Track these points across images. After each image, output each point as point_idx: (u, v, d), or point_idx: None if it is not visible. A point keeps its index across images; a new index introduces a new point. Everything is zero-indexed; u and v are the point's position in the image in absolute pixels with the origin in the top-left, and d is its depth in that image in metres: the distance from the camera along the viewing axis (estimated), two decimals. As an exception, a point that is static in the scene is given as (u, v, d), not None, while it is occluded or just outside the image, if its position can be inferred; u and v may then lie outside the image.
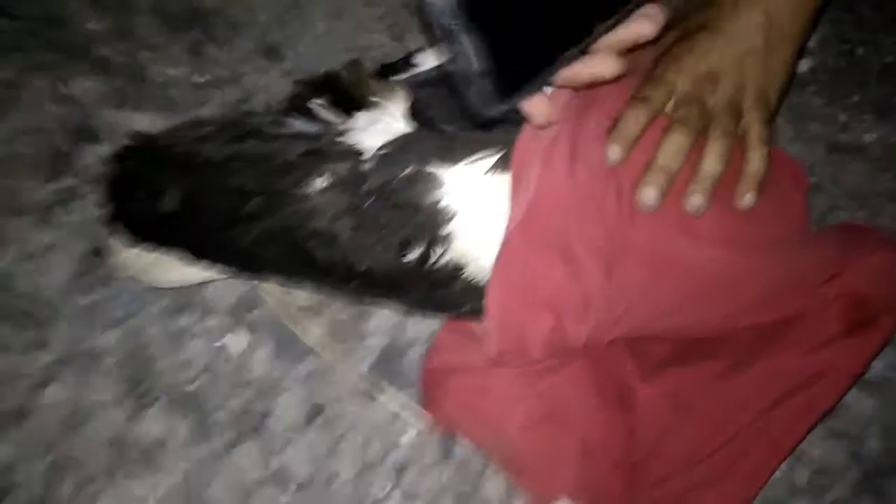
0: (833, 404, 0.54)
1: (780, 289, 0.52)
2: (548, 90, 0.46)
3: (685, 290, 0.51)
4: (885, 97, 0.84)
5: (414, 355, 0.63)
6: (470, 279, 0.51)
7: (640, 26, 0.40)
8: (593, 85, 0.42)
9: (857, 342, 0.54)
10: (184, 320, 0.64)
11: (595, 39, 0.39)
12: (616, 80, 0.42)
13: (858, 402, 0.65)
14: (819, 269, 0.53)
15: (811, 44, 0.86)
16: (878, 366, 0.65)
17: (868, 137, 0.81)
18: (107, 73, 0.77)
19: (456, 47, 0.36)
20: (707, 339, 0.56)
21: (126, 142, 0.59)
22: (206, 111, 0.75)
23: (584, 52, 0.40)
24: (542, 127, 0.44)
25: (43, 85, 0.75)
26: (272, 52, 0.80)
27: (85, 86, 0.76)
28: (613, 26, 0.39)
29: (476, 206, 0.50)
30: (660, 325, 0.53)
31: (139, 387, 0.61)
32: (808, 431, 0.54)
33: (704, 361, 0.56)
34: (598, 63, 0.41)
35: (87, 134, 0.73)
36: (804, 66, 0.85)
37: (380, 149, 0.50)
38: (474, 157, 0.49)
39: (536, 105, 0.42)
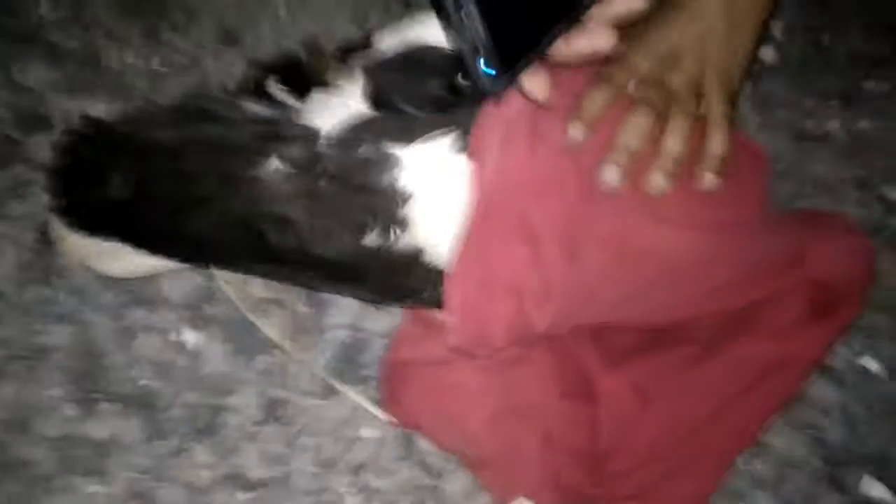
0: (795, 392, 0.54)
1: (743, 273, 0.52)
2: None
3: (649, 273, 0.50)
4: (851, 84, 0.84)
5: (375, 349, 0.62)
6: (429, 264, 0.50)
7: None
8: (590, 60, 0.42)
9: (820, 328, 0.54)
10: (135, 314, 0.61)
11: (587, 9, 0.40)
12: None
13: (820, 391, 0.64)
14: (782, 254, 0.53)
15: (776, 32, 0.86)
16: (840, 352, 0.65)
17: (833, 125, 0.81)
18: (60, 60, 0.74)
19: (465, 19, 0.36)
20: (671, 327, 0.55)
21: (75, 127, 0.57)
22: (163, 97, 0.73)
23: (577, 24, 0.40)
24: (540, 104, 0.44)
25: (-9, 70, 0.72)
26: (231, 37, 0.78)
27: (37, 72, 0.73)
28: None
29: (435, 186, 0.48)
30: (624, 311, 0.52)
31: (89, 383, 0.59)
32: (771, 420, 0.54)
33: (668, 350, 0.55)
34: (594, 36, 0.41)
35: (38, 121, 0.70)
36: (770, 53, 0.85)
37: (336, 129, 0.49)
38: (431, 137, 0.48)
39: (536, 81, 0.41)
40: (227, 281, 0.61)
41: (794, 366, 0.55)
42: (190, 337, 0.61)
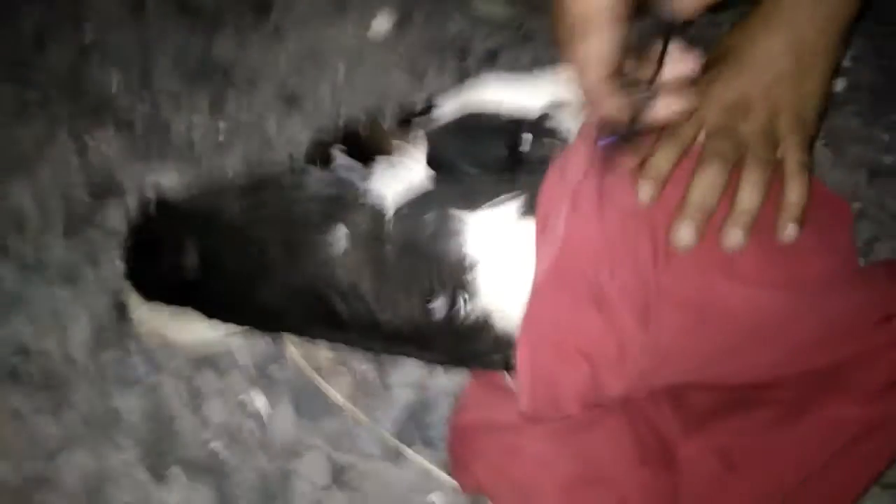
0: (891, 457, 0.50)
1: (828, 332, 0.49)
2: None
3: (728, 335, 0.48)
4: (929, 115, 0.80)
5: (442, 410, 0.61)
6: (498, 329, 0.49)
7: (682, 64, 0.44)
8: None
9: (916, 390, 0.50)
10: (204, 378, 0.62)
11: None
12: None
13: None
14: (870, 310, 0.50)
15: (846, 61, 0.83)
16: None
17: (913, 159, 0.77)
18: (130, 127, 0.77)
19: None
20: (753, 386, 0.52)
21: (147, 200, 0.59)
22: (229, 160, 0.75)
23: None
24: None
25: (67, 141, 0.76)
26: (292, 100, 0.80)
27: (109, 140, 0.76)
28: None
29: (501, 253, 0.48)
30: (703, 374, 0.50)
31: (160, 448, 0.59)
32: (867, 489, 0.50)
33: (751, 411, 0.52)
34: (671, 102, 0.44)
35: (111, 188, 0.73)
36: (839, 85, 0.82)
37: (399, 198, 0.49)
38: (497, 203, 0.47)
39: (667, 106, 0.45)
40: (293, 343, 0.62)
41: (888, 430, 0.51)
42: (258, 400, 0.62)
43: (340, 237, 0.49)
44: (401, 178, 0.50)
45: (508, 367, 0.51)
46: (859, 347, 0.51)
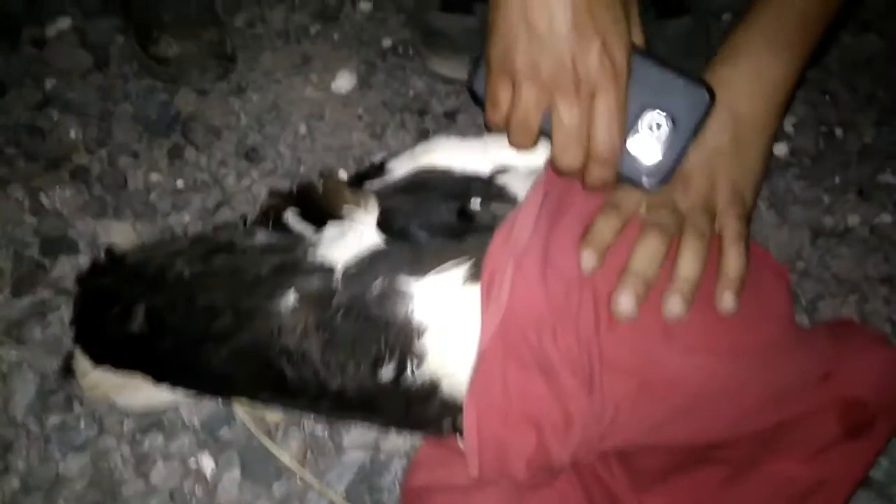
0: (838, 513, 0.51)
1: (772, 395, 0.50)
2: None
3: (672, 401, 0.48)
4: (867, 178, 0.83)
5: (394, 471, 0.60)
6: (446, 395, 0.49)
7: None
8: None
9: (857, 446, 0.51)
10: (151, 441, 0.61)
11: None
12: None
13: (863, 504, 0.61)
14: (811, 372, 0.51)
15: (788, 127, 0.87)
16: (882, 463, 0.62)
17: (853, 219, 0.80)
18: (87, 182, 0.77)
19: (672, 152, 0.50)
20: (701, 446, 0.53)
21: (97, 259, 0.58)
22: (186, 216, 0.75)
23: None
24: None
25: (20, 196, 0.75)
26: (252, 155, 0.80)
27: (65, 195, 0.76)
28: None
29: (449, 318, 0.48)
30: (650, 438, 0.50)
31: (105, 516, 0.58)
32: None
33: (701, 470, 0.53)
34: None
35: (64, 245, 0.72)
36: (783, 149, 0.85)
37: (349, 263, 0.49)
38: (444, 268, 0.48)
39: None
40: (242, 404, 0.61)
41: (833, 487, 0.52)
42: (206, 463, 0.61)
43: (290, 303, 0.49)
44: (351, 242, 0.51)
45: (457, 431, 0.51)
46: (802, 408, 0.52)
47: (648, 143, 0.49)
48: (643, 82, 0.48)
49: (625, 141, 0.49)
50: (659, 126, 0.49)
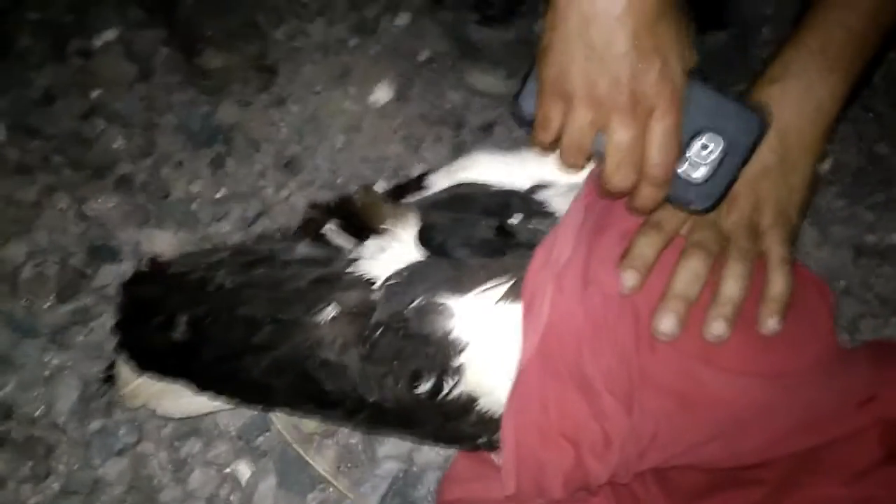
0: (879, 537, 0.50)
1: (812, 417, 0.49)
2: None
3: (713, 422, 0.48)
4: (912, 195, 0.82)
5: (428, 484, 0.61)
6: (484, 411, 0.49)
7: None
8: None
9: (898, 470, 0.50)
10: (189, 447, 0.62)
11: None
12: None
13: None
14: (853, 392, 0.50)
15: (830, 144, 0.86)
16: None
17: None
18: (130, 191, 0.79)
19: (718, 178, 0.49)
20: (739, 467, 0.52)
21: (140, 268, 0.59)
22: (226, 225, 0.76)
23: None
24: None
25: (66, 204, 0.77)
26: (291, 165, 0.82)
27: (108, 204, 0.78)
28: None
29: (488, 336, 0.48)
30: (688, 458, 0.50)
31: (144, 521, 0.59)
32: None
33: (738, 491, 0.52)
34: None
35: (107, 253, 0.74)
36: (824, 166, 0.84)
37: (389, 278, 0.50)
38: (485, 287, 0.48)
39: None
40: (279, 415, 0.62)
41: (877, 510, 0.51)
42: (243, 471, 0.61)
43: (329, 316, 0.50)
44: (391, 257, 0.51)
45: (493, 448, 0.51)
46: (843, 430, 0.51)
47: (700, 166, 0.49)
48: (697, 104, 0.48)
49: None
50: (711, 150, 0.48)
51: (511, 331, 0.48)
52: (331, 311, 0.50)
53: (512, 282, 0.48)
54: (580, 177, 0.55)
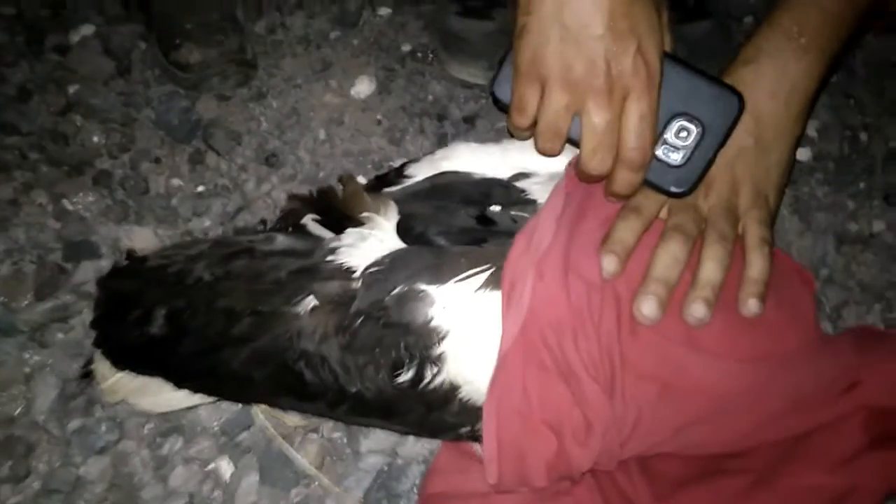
0: (864, 524, 0.50)
1: (795, 403, 0.49)
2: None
3: (695, 406, 0.48)
4: (893, 183, 0.82)
5: (413, 476, 0.60)
6: (466, 400, 0.49)
7: None
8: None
9: (885, 456, 0.50)
10: (170, 445, 0.61)
11: None
12: None
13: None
14: (836, 380, 0.50)
15: (812, 132, 0.86)
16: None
17: (878, 225, 0.79)
18: (109, 187, 0.78)
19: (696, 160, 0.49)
20: (723, 456, 0.52)
21: (118, 262, 0.59)
22: (207, 221, 0.76)
23: None
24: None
25: (44, 201, 0.76)
26: (272, 160, 0.81)
27: (87, 200, 0.77)
28: None
29: (469, 324, 0.48)
30: (671, 445, 0.50)
31: (125, 519, 0.58)
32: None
33: (722, 480, 0.52)
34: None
35: (86, 250, 0.73)
36: (806, 154, 0.84)
37: (369, 267, 0.49)
38: (465, 274, 0.48)
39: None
40: (261, 410, 0.61)
41: (857, 498, 0.51)
42: (226, 467, 0.61)
43: (309, 307, 0.49)
44: (371, 247, 0.50)
45: (476, 439, 0.50)
46: (826, 416, 0.51)
47: (677, 149, 0.49)
48: (673, 87, 0.48)
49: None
50: (688, 132, 0.48)
51: (492, 318, 0.47)
52: (310, 302, 0.49)
53: (493, 269, 0.48)
54: (561, 166, 0.55)
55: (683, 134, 0.48)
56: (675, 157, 0.49)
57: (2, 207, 0.75)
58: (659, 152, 0.49)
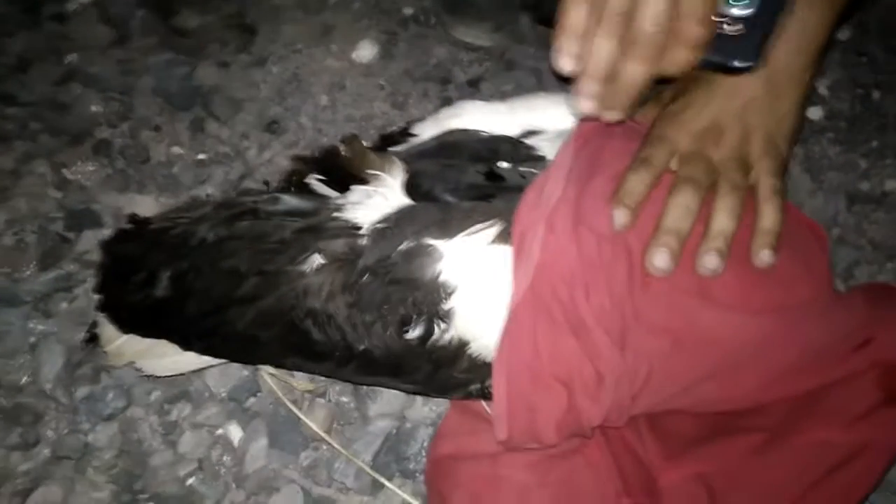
0: (878, 480, 0.49)
1: (808, 357, 0.48)
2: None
3: (707, 360, 0.47)
4: (906, 141, 0.81)
5: (421, 440, 0.60)
6: (475, 356, 0.48)
7: None
8: None
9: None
10: (179, 411, 0.61)
11: None
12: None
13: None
14: (849, 336, 0.49)
15: (823, 90, 0.84)
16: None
17: (891, 184, 0.77)
18: (109, 156, 0.77)
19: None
20: (735, 413, 0.51)
21: (121, 226, 0.58)
22: (209, 188, 0.75)
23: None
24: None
25: (45, 170, 0.75)
26: (274, 126, 0.80)
27: (88, 169, 0.76)
28: None
29: (478, 279, 0.47)
30: (683, 400, 0.49)
31: (133, 484, 0.58)
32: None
33: (733, 438, 0.51)
34: None
35: (89, 219, 0.72)
36: (818, 113, 0.83)
37: (376, 223, 0.48)
38: (474, 229, 0.47)
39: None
40: (270, 373, 0.61)
41: (871, 454, 0.50)
42: (234, 433, 0.60)
43: (315, 265, 0.48)
44: (377, 205, 0.50)
45: (486, 396, 0.50)
46: (840, 372, 0.50)
47: (737, 19, 0.43)
48: None
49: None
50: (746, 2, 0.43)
51: (501, 273, 0.46)
52: (316, 260, 0.49)
53: (502, 224, 0.47)
54: (569, 123, 0.54)
55: (742, 2, 0.44)
56: (734, 29, 0.43)
57: (2, 178, 0.74)
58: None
